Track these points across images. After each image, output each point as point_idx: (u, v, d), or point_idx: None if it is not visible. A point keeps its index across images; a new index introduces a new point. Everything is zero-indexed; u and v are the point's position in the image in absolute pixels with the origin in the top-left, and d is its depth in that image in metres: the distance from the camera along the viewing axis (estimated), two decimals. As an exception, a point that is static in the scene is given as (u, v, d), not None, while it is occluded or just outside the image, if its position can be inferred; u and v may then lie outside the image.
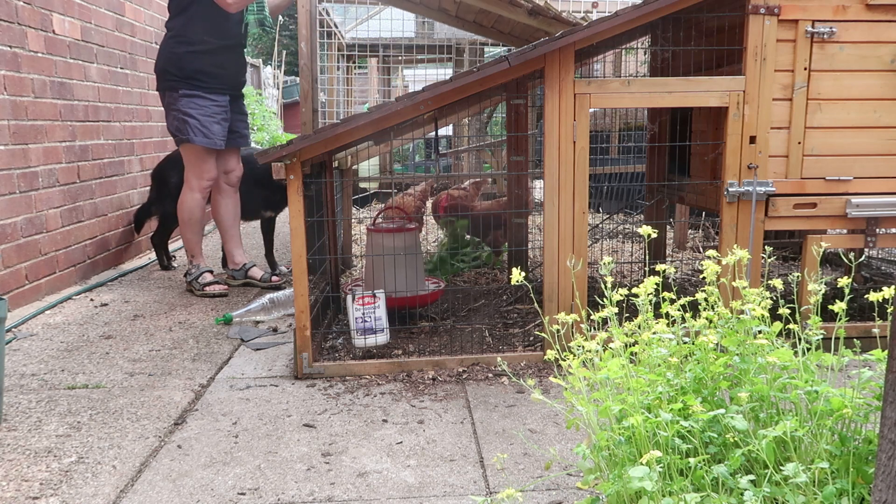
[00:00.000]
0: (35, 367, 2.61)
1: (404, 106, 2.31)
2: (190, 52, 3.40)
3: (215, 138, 3.47)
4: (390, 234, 2.96)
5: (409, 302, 2.93)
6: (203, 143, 3.45)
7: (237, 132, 3.67)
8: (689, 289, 3.43)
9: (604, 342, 1.41)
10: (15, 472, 1.83)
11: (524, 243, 3.55)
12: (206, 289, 3.63)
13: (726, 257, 1.57)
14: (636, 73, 5.24)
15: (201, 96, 3.43)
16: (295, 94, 13.43)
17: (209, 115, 3.44)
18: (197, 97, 3.43)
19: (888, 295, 1.33)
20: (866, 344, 1.44)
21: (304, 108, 3.92)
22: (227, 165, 3.70)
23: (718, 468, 1.18)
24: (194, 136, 3.43)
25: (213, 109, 3.46)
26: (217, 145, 3.49)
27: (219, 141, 3.48)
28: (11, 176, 3.25)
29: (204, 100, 3.43)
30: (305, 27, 3.82)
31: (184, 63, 3.41)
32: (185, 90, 3.43)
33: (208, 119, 3.44)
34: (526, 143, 3.45)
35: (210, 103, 3.44)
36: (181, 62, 3.41)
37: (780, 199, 2.52)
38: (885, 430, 0.95)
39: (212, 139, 3.47)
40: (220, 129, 3.49)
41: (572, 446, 1.85)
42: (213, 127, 3.45)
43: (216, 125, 3.47)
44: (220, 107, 3.49)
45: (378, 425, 2.10)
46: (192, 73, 3.41)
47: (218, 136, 3.48)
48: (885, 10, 2.45)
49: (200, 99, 3.43)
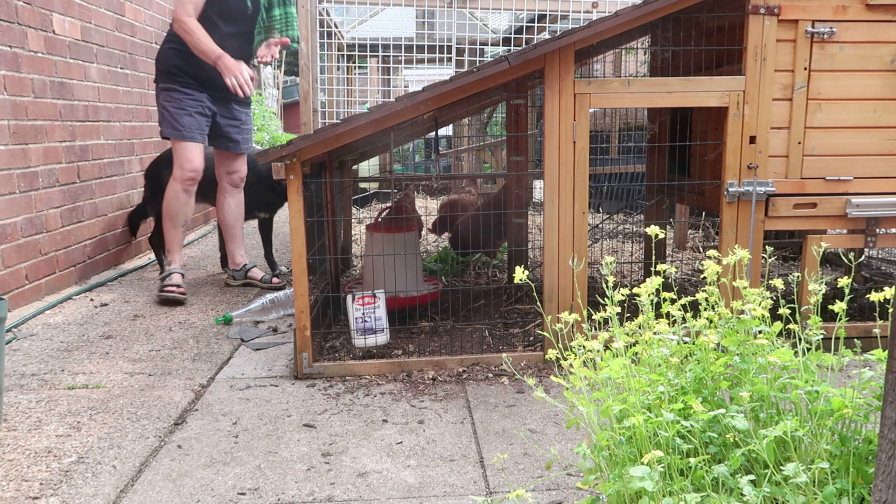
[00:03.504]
0: (35, 367, 2.61)
1: (404, 106, 2.31)
2: (172, 48, 3.48)
3: (184, 130, 3.48)
4: (389, 234, 2.96)
5: (407, 302, 2.93)
6: (171, 135, 3.49)
7: (226, 136, 3.68)
8: (690, 289, 3.43)
9: (605, 342, 1.41)
10: (15, 472, 1.83)
11: (524, 243, 3.55)
12: (165, 290, 3.52)
13: (726, 257, 1.57)
14: (636, 73, 5.24)
15: (176, 90, 3.48)
16: (295, 94, 13.44)
17: (180, 107, 3.48)
18: (172, 90, 3.48)
19: (888, 295, 1.33)
20: (866, 344, 1.44)
21: (304, 108, 3.92)
22: (230, 166, 3.75)
23: (719, 468, 1.18)
24: (165, 127, 3.50)
25: (186, 102, 3.49)
26: (186, 137, 3.49)
27: (189, 133, 3.49)
28: (11, 176, 3.24)
29: (178, 93, 3.48)
30: (305, 27, 3.82)
31: (166, 58, 3.50)
32: (163, 83, 3.51)
33: (179, 112, 3.48)
34: (526, 143, 3.45)
35: (184, 97, 3.48)
36: (164, 57, 3.51)
37: (780, 199, 2.52)
38: (885, 430, 0.95)
39: (180, 131, 3.48)
40: (193, 121, 3.49)
41: (572, 446, 1.85)
42: (183, 119, 3.47)
43: (187, 118, 3.48)
44: (195, 101, 3.50)
45: (378, 425, 2.10)
46: (170, 67, 3.48)
47: (189, 129, 3.48)
48: (885, 10, 2.45)
49: (175, 92, 3.48)
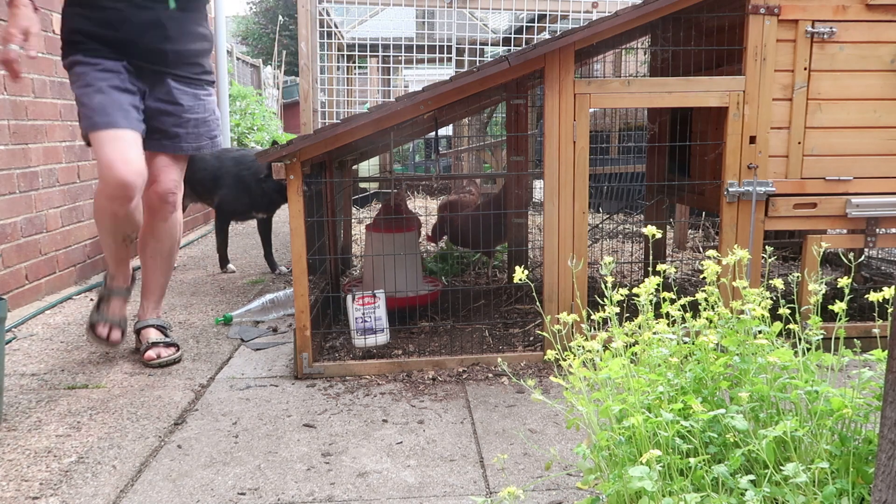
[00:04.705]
0: (35, 367, 2.61)
1: (404, 106, 2.31)
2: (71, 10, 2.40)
3: (95, 115, 2.32)
4: (389, 234, 2.96)
5: (407, 302, 2.93)
6: (85, 129, 2.37)
7: (158, 129, 2.50)
8: (690, 289, 3.43)
9: (604, 342, 1.42)
10: (15, 472, 1.83)
11: (524, 243, 3.55)
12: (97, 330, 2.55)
13: (726, 257, 1.57)
14: (636, 73, 5.24)
15: (80, 62, 2.37)
16: (295, 94, 13.45)
17: (86, 83, 2.36)
18: (76, 65, 2.38)
19: (888, 295, 1.33)
20: (866, 344, 1.44)
21: (304, 108, 3.92)
22: (159, 174, 2.56)
23: (718, 468, 1.18)
24: (79, 121, 2.41)
25: (94, 76, 2.35)
26: (100, 125, 2.32)
27: (102, 118, 2.32)
28: (11, 176, 3.25)
29: (82, 66, 2.37)
30: (305, 27, 3.82)
31: (65, 24, 2.41)
32: (67, 60, 2.42)
33: (86, 90, 2.35)
34: (526, 143, 3.45)
35: (90, 69, 2.36)
36: (63, 25, 2.42)
37: (780, 199, 2.52)
38: (885, 430, 0.95)
39: (91, 118, 2.33)
40: (107, 100, 2.34)
41: (572, 446, 1.85)
42: (93, 99, 2.34)
43: (98, 95, 2.34)
44: (108, 71, 2.36)
45: (378, 425, 2.10)
46: (70, 34, 2.40)
47: (101, 112, 2.33)
48: (885, 10, 2.45)
49: (79, 66, 2.38)
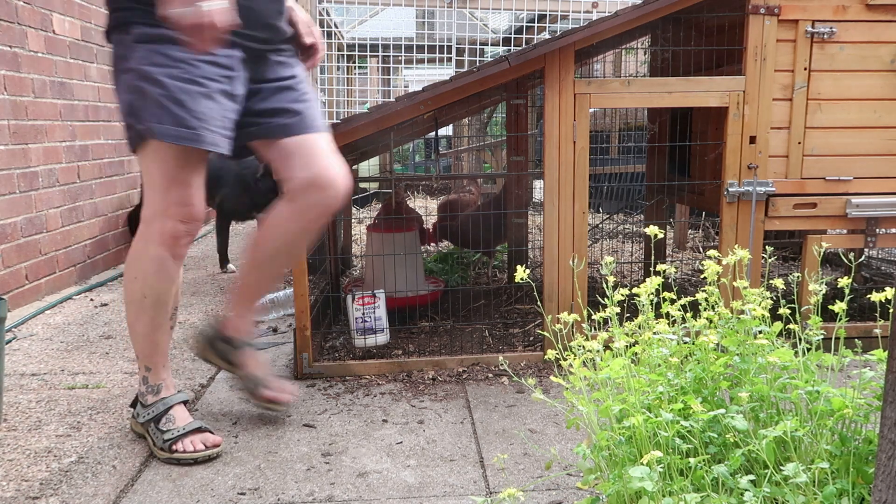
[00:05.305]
0: (35, 367, 2.61)
1: (404, 106, 2.31)
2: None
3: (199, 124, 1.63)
4: (390, 234, 2.96)
5: (407, 302, 2.93)
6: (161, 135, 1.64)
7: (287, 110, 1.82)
8: (690, 289, 3.43)
9: (605, 342, 1.41)
10: (15, 472, 1.83)
11: (524, 243, 3.55)
12: (176, 447, 1.85)
13: (726, 257, 1.57)
14: (636, 73, 5.24)
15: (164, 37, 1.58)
16: (295, 94, 13.40)
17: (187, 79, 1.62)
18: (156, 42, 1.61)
19: (888, 295, 1.33)
20: (867, 344, 1.44)
21: (305, 108, 3.90)
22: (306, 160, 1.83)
23: (718, 468, 1.18)
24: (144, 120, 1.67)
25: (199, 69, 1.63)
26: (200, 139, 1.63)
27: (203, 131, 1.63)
28: (11, 176, 3.24)
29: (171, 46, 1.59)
30: (305, 27, 3.81)
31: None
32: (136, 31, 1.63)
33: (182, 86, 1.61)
34: (526, 143, 3.45)
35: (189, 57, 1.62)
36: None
37: (781, 199, 2.52)
38: (885, 430, 0.95)
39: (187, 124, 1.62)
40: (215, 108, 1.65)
41: (572, 446, 1.85)
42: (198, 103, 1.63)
43: (205, 101, 1.64)
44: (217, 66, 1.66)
45: (378, 425, 2.10)
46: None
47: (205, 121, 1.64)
48: (885, 10, 2.45)
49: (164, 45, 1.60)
